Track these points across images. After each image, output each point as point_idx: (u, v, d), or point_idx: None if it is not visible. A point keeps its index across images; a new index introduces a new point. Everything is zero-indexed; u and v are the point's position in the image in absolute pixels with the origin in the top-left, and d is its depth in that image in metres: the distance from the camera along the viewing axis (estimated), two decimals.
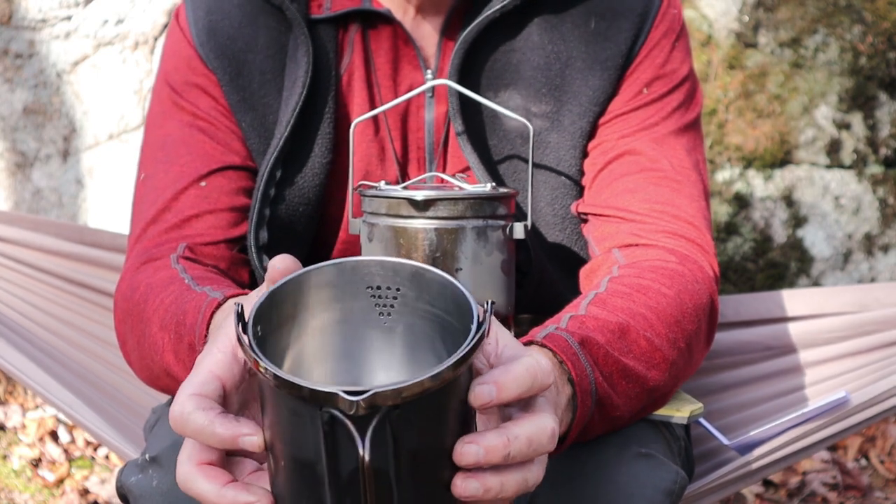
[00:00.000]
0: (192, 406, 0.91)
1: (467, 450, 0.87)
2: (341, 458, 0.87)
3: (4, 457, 2.65)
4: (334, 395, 0.84)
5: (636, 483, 1.17)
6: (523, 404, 0.93)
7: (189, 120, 1.46)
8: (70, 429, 2.73)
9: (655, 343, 1.21)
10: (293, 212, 1.45)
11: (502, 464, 0.89)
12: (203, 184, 1.44)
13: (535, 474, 0.92)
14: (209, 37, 1.46)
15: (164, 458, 1.19)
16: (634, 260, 1.35)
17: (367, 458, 0.84)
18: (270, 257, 1.43)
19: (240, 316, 0.90)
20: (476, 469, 0.89)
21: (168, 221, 1.42)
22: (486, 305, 0.92)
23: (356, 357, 1.00)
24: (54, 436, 2.71)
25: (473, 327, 0.89)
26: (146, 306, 1.31)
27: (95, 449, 2.69)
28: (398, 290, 0.98)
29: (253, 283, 1.46)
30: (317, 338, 0.99)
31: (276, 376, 0.86)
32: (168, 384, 1.32)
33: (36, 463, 2.64)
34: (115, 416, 1.74)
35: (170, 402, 1.38)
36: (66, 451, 2.69)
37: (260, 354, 0.88)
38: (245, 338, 0.89)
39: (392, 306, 0.98)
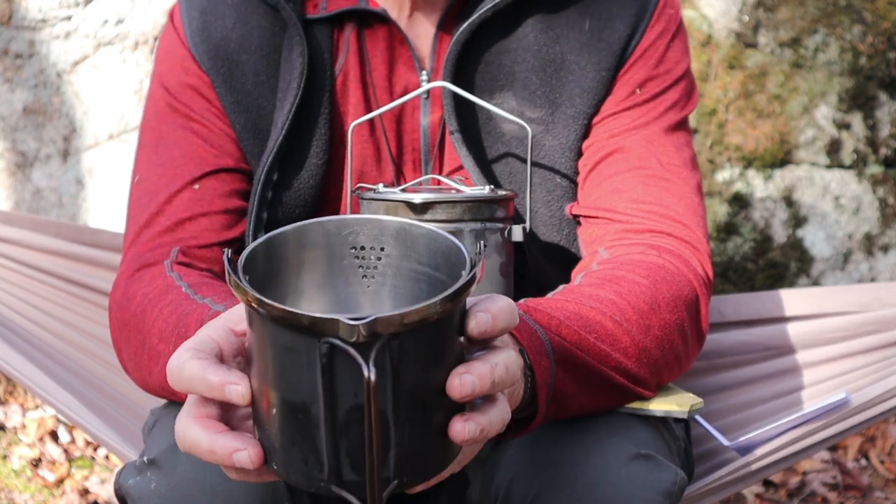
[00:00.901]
0: (187, 356, 0.91)
1: (465, 380, 0.89)
2: (339, 396, 0.86)
3: (4, 457, 2.65)
4: (335, 321, 0.83)
5: (635, 485, 1.16)
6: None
7: (183, 122, 1.46)
8: (70, 429, 2.73)
9: (624, 326, 1.20)
10: (290, 213, 1.45)
11: (489, 392, 0.91)
12: (196, 186, 1.43)
13: (507, 409, 0.95)
14: (203, 38, 1.45)
15: (162, 460, 1.19)
16: (614, 255, 1.35)
17: (372, 378, 0.83)
18: None
19: (231, 262, 0.89)
20: (469, 412, 0.91)
21: (161, 225, 1.42)
22: (478, 246, 0.92)
23: None
24: (54, 436, 2.71)
25: (467, 264, 0.90)
26: (144, 317, 1.31)
27: (95, 449, 2.69)
28: (382, 249, 0.97)
29: None
30: (300, 299, 0.97)
31: (273, 306, 0.84)
32: (165, 394, 1.32)
33: (36, 463, 2.64)
34: (113, 416, 1.74)
35: (168, 405, 1.38)
36: (66, 451, 2.68)
37: (250, 287, 0.86)
38: (237, 275, 0.88)
39: (376, 268, 0.97)
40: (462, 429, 0.90)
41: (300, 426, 0.88)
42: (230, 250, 0.91)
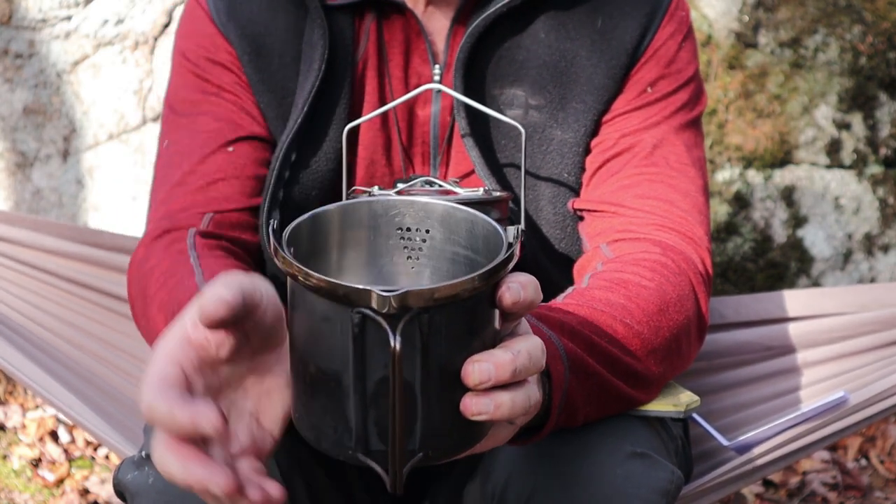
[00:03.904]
0: (153, 395, 0.89)
1: (479, 367, 0.88)
2: (369, 367, 0.88)
3: (4, 457, 2.65)
4: (368, 291, 0.85)
5: (631, 483, 1.16)
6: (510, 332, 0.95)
7: (215, 91, 1.47)
8: (70, 429, 2.73)
9: (635, 329, 1.21)
10: (306, 195, 1.45)
11: (510, 380, 0.90)
12: (230, 149, 1.44)
13: (535, 392, 0.94)
14: (230, 17, 1.47)
15: None
16: (619, 254, 1.35)
17: (398, 348, 0.85)
18: None
19: (275, 232, 0.91)
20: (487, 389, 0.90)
21: (194, 184, 1.43)
22: (516, 231, 0.93)
23: None
24: (54, 436, 2.72)
25: (504, 246, 0.91)
26: (149, 282, 1.31)
27: (95, 449, 2.69)
28: (427, 231, 0.98)
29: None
30: (343, 275, 0.99)
31: (311, 275, 0.86)
32: None
33: (36, 463, 2.64)
34: (115, 416, 1.74)
35: None
36: (66, 451, 2.69)
37: (293, 258, 0.88)
38: (281, 245, 0.90)
39: (420, 249, 0.99)
40: (470, 403, 0.89)
41: (332, 394, 0.90)
42: (276, 221, 0.92)
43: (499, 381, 0.89)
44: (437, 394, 0.89)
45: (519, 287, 0.90)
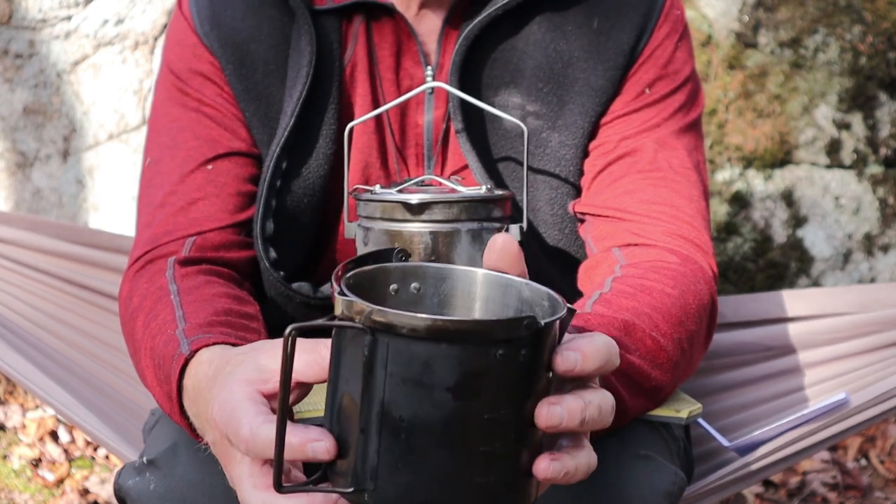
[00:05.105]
0: (259, 422, 0.91)
1: (553, 411, 0.86)
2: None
3: (4, 457, 2.65)
4: (331, 284, 0.86)
5: (635, 485, 1.16)
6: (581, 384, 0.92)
7: (195, 106, 1.46)
8: (70, 429, 2.73)
9: (661, 343, 1.20)
10: (298, 203, 1.45)
11: (577, 429, 0.87)
12: (209, 167, 1.43)
13: (594, 456, 0.91)
14: (213, 26, 1.45)
15: (161, 461, 1.19)
16: (636, 260, 1.34)
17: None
18: (276, 248, 1.43)
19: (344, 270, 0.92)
20: (556, 452, 0.88)
21: (175, 205, 1.42)
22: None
23: None
24: (54, 436, 2.71)
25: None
26: (136, 325, 1.31)
27: (95, 449, 2.69)
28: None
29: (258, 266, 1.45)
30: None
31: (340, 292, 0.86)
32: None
33: (36, 463, 2.64)
34: (113, 417, 1.74)
35: None
36: (66, 451, 2.69)
37: (342, 287, 0.87)
38: (337, 285, 0.89)
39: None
40: (547, 467, 0.87)
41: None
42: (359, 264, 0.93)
43: (568, 427, 0.86)
44: (378, 431, 0.85)
45: (578, 357, 0.87)
